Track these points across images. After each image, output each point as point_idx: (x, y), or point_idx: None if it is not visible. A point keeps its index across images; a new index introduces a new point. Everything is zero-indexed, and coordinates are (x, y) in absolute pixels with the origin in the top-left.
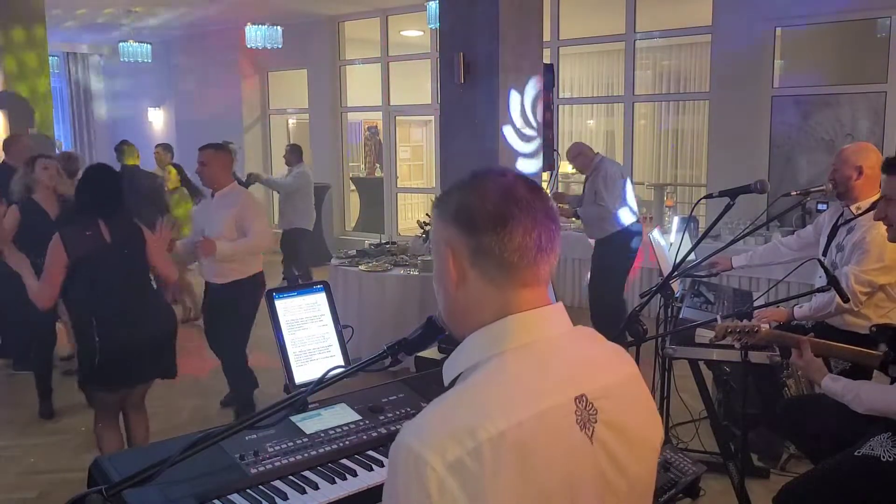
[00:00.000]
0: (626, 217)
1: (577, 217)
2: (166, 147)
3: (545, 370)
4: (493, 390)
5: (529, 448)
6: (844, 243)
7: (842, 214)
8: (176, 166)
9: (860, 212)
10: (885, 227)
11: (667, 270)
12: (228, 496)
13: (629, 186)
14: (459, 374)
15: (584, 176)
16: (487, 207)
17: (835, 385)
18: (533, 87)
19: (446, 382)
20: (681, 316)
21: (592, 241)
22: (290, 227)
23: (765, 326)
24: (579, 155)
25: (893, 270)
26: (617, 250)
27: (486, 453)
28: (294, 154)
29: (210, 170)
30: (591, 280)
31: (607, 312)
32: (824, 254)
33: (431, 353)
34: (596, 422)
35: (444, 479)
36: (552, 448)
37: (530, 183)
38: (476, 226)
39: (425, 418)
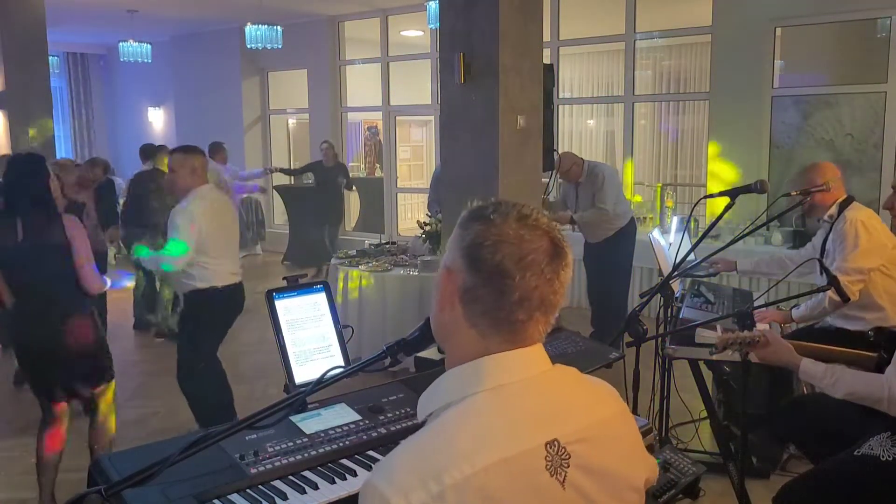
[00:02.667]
0: (627, 215)
1: (574, 223)
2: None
3: (516, 414)
4: (461, 434)
5: (494, 495)
6: (829, 248)
7: (823, 230)
8: None
9: (834, 218)
10: (892, 216)
11: (667, 270)
12: (228, 496)
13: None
14: (433, 412)
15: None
16: (496, 259)
17: (815, 368)
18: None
19: (420, 418)
20: (681, 316)
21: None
22: None
23: (764, 326)
24: (573, 166)
25: (874, 253)
26: (622, 249)
27: (450, 499)
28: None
29: (176, 175)
30: (597, 282)
31: (615, 313)
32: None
33: (431, 353)
34: (568, 466)
35: None
36: (517, 495)
37: (557, 245)
38: (478, 269)
39: (394, 460)
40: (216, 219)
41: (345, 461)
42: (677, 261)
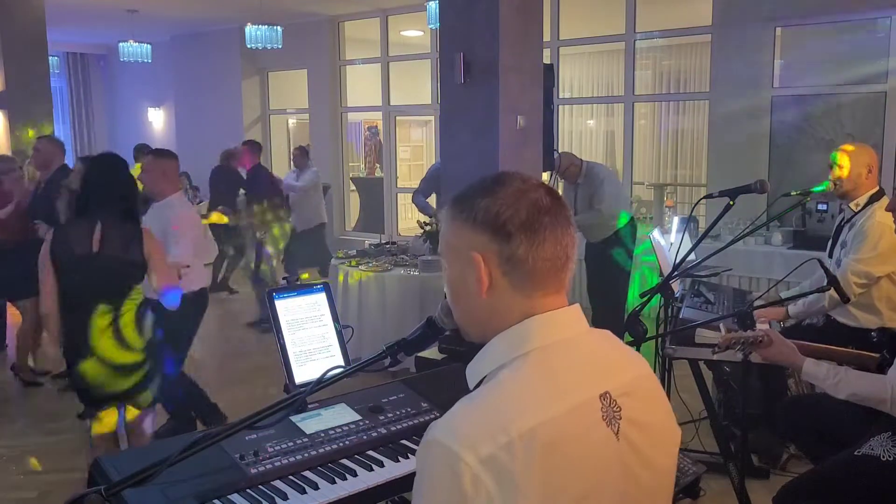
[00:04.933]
0: (625, 216)
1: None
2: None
3: (570, 369)
4: (521, 389)
5: (559, 444)
6: (847, 239)
7: (843, 215)
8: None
9: (859, 208)
10: (894, 219)
11: (667, 270)
12: (228, 496)
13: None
14: (484, 378)
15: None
16: (521, 216)
17: (817, 369)
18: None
19: (471, 386)
20: (681, 316)
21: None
22: (311, 226)
23: (765, 327)
24: (571, 166)
25: (889, 260)
26: (619, 250)
27: (518, 449)
28: (304, 156)
29: (149, 177)
30: (597, 281)
31: (615, 313)
32: (830, 254)
33: (431, 353)
34: (620, 419)
35: (477, 474)
36: (581, 444)
37: (551, 190)
38: (510, 234)
39: (455, 416)
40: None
41: (345, 461)
42: (677, 261)
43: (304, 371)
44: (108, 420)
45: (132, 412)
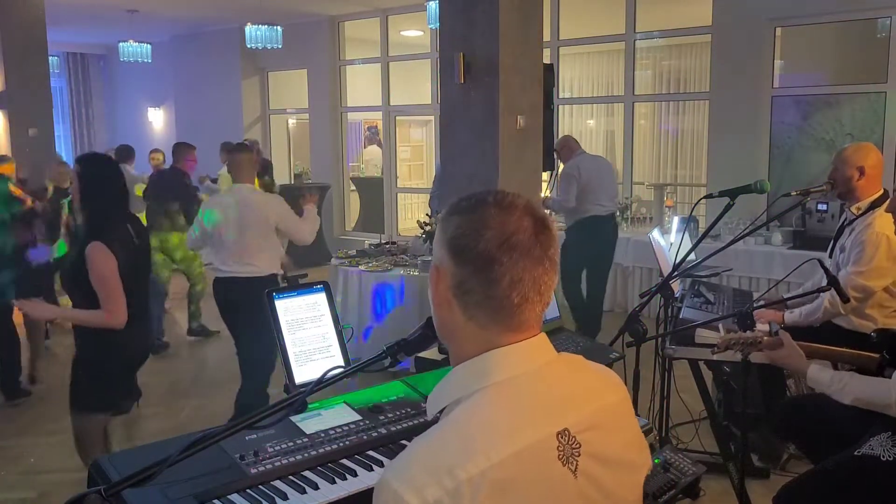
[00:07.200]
0: (589, 210)
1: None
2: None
3: (526, 406)
4: (473, 429)
5: (509, 487)
6: (846, 244)
7: (845, 217)
8: None
9: (860, 212)
10: (894, 220)
11: (667, 270)
12: (228, 496)
13: (603, 180)
14: (444, 408)
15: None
16: (479, 246)
17: (821, 374)
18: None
19: (430, 416)
20: (681, 316)
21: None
22: None
23: (764, 328)
24: (563, 147)
25: (888, 273)
26: (571, 242)
27: (466, 493)
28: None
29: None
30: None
31: (583, 310)
32: (830, 255)
33: (431, 353)
34: (579, 455)
35: None
36: (532, 486)
37: (539, 223)
38: (464, 260)
39: (407, 458)
40: None
41: (345, 461)
42: (677, 261)
43: (304, 371)
44: None
45: None
